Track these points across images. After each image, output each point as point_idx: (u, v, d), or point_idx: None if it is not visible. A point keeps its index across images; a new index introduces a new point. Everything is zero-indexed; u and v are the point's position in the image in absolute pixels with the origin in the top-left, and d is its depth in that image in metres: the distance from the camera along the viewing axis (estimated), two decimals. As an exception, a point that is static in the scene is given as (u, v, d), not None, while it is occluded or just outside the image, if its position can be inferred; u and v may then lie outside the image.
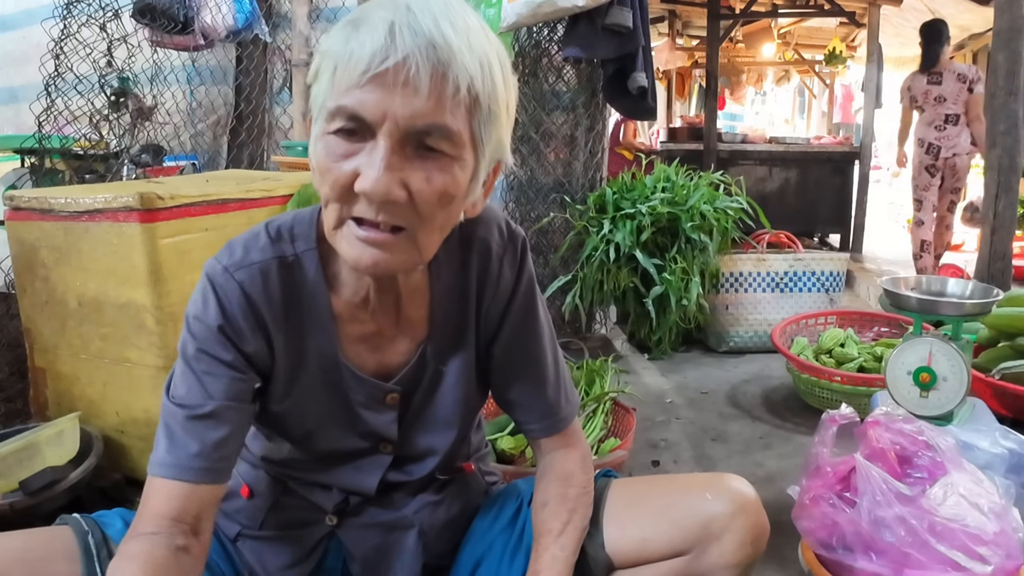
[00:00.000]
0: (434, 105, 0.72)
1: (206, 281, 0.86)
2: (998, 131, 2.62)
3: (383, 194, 0.72)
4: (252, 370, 0.88)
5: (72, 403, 1.86)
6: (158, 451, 0.84)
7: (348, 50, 0.72)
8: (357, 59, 0.71)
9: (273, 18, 3.51)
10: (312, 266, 0.89)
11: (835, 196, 5.63)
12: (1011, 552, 1.14)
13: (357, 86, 0.71)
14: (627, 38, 2.81)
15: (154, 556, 0.78)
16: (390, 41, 0.70)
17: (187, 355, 0.86)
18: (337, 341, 0.91)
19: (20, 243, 1.84)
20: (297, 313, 0.89)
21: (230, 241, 0.89)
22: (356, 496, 0.99)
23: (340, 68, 0.72)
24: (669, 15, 7.23)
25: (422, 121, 0.72)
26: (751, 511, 0.94)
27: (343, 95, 0.72)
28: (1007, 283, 2.67)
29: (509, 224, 0.98)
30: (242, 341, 0.86)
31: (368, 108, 0.71)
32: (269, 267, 0.87)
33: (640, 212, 3.00)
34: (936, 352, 1.58)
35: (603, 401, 2.10)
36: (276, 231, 0.89)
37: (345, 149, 0.74)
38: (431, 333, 0.96)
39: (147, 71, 2.99)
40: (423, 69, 0.70)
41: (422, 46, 0.70)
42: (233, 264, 0.86)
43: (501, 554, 1.03)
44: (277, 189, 2.03)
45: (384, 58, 0.70)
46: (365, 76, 0.70)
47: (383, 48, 0.70)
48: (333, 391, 0.93)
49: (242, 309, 0.86)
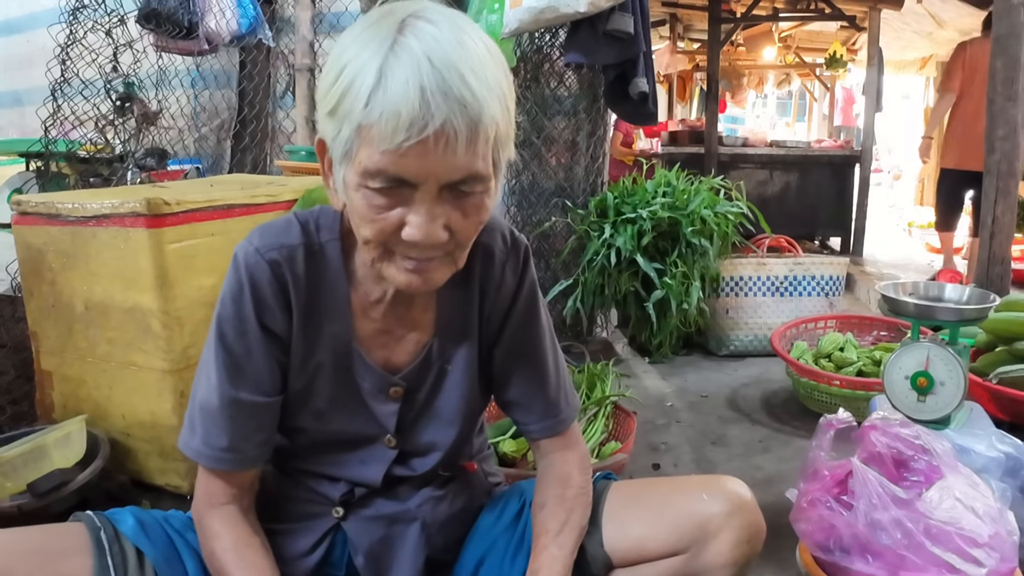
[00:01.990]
0: (470, 158, 0.76)
1: (238, 262, 0.92)
2: (997, 136, 2.63)
3: (431, 241, 0.79)
4: (278, 346, 0.94)
5: (79, 406, 1.87)
6: (195, 439, 0.93)
7: (379, 113, 0.72)
8: (393, 128, 0.72)
9: (277, 23, 3.53)
10: (335, 256, 0.94)
11: (836, 199, 5.65)
12: (1006, 555, 1.16)
13: (395, 153, 0.73)
14: (628, 44, 2.82)
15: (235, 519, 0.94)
16: (425, 109, 0.71)
17: (223, 334, 0.91)
18: (352, 329, 0.96)
19: (27, 247, 1.87)
20: (318, 298, 0.94)
21: (260, 225, 0.95)
22: (362, 488, 1.02)
23: (372, 125, 0.73)
24: (670, 18, 7.25)
25: (459, 175, 0.77)
26: (747, 511, 0.96)
27: (381, 158, 0.74)
28: (1005, 288, 2.68)
29: (513, 232, 1.03)
30: (270, 318, 0.92)
31: (411, 172, 0.75)
32: (296, 252, 0.92)
33: (641, 216, 3.01)
34: (934, 357, 1.60)
35: (604, 404, 2.12)
36: (304, 220, 0.95)
37: (386, 202, 0.78)
38: (436, 333, 1.00)
39: (152, 76, 3.01)
40: (460, 131, 0.73)
41: (456, 110, 0.72)
42: (264, 246, 0.92)
43: (503, 553, 1.05)
44: (282, 194, 2.05)
45: (423, 127, 0.72)
46: (406, 144, 0.73)
47: (420, 117, 0.71)
48: (344, 375, 0.97)
49: (271, 288, 0.91)
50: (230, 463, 0.93)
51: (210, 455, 0.93)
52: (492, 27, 2.67)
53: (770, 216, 3.52)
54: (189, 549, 0.96)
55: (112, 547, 0.88)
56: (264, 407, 0.94)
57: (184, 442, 0.95)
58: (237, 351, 0.91)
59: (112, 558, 0.87)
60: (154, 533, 0.94)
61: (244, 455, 0.94)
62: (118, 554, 0.88)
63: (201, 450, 0.93)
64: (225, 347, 0.91)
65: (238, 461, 0.94)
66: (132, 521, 0.93)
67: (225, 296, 0.92)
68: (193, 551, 0.96)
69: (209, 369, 0.92)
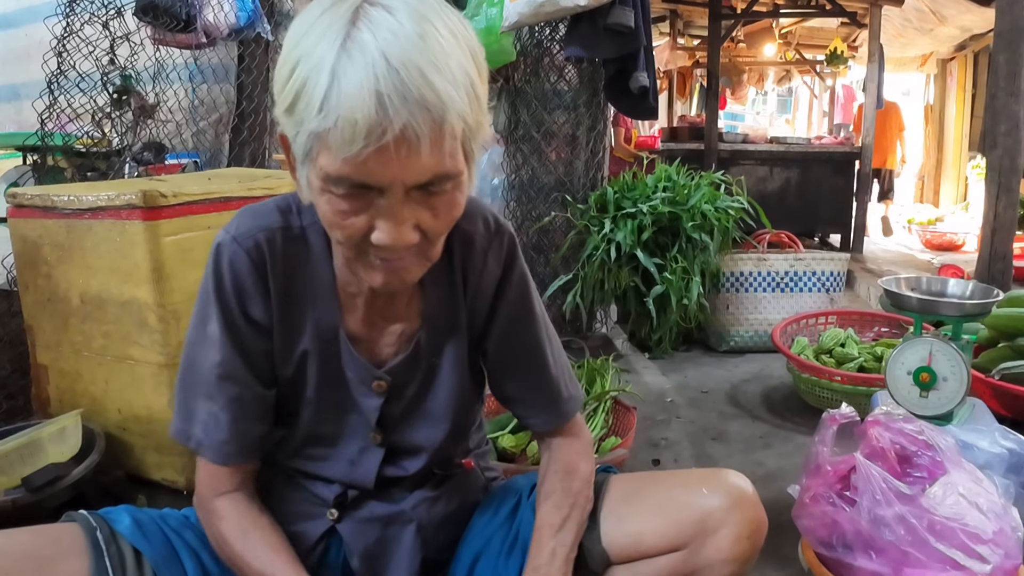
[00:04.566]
0: (436, 158, 0.71)
1: (216, 250, 0.90)
2: (999, 132, 2.63)
3: (401, 244, 0.76)
4: (263, 333, 0.92)
5: (74, 400, 1.86)
6: (194, 429, 0.92)
7: (334, 120, 0.67)
8: (351, 136, 0.67)
9: (275, 16, 3.51)
10: (318, 240, 0.92)
11: (836, 196, 5.64)
12: (1010, 551, 1.15)
13: (356, 159, 0.69)
14: (629, 38, 2.81)
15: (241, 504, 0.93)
16: (383, 115, 0.67)
17: (203, 326, 0.90)
18: (339, 314, 0.94)
19: (23, 240, 1.85)
20: (299, 282, 0.92)
21: (240, 210, 0.93)
22: (355, 490, 1.00)
23: (329, 135, 0.69)
24: (670, 15, 7.23)
25: (426, 176, 0.73)
26: (748, 506, 0.94)
27: (342, 165, 0.70)
28: (1007, 284, 2.68)
29: (496, 218, 0.99)
30: (253, 307, 0.91)
31: (374, 178, 0.71)
32: (274, 236, 0.91)
33: (641, 211, 3.00)
34: (936, 352, 1.59)
35: (604, 400, 2.11)
36: (285, 204, 0.93)
37: (352, 207, 0.74)
38: (423, 324, 0.97)
39: (149, 69, 2.98)
40: (423, 135, 0.69)
41: (416, 112, 0.67)
42: (241, 234, 0.90)
43: (499, 549, 1.04)
44: (279, 187, 2.03)
45: (381, 134, 0.67)
46: (365, 151, 0.68)
47: (378, 124, 0.67)
48: (333, 363, 0.96)
49: (252, 277, 0.90)
50: (231, 456, 0.92)
51: (211, 447, 0.92)
52: (492, 20, 2.66)
53: (770, 213, 3.51)
54: (187, 548, 0.94)
55: (109, 547, 0.86)
56: (261, 398, 0.93)
57: (183, 433, 0.93)
58: (228, 344, 0.90)
59: (110, 559, 0.85)
60: (151, 532, 0.92)
61: (244, 447, 0.93)
62: (116, 555, 0.86)
63: (202, 442, 0.92)
64: (215, 341, 0.90)
65: (239, 454, 0.93)
66: (128, 520, 0.91)
67: (207, 290, 0.90)
68: (191, 550, 0.94)
69: (201, 359, 0.91)
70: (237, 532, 0.91)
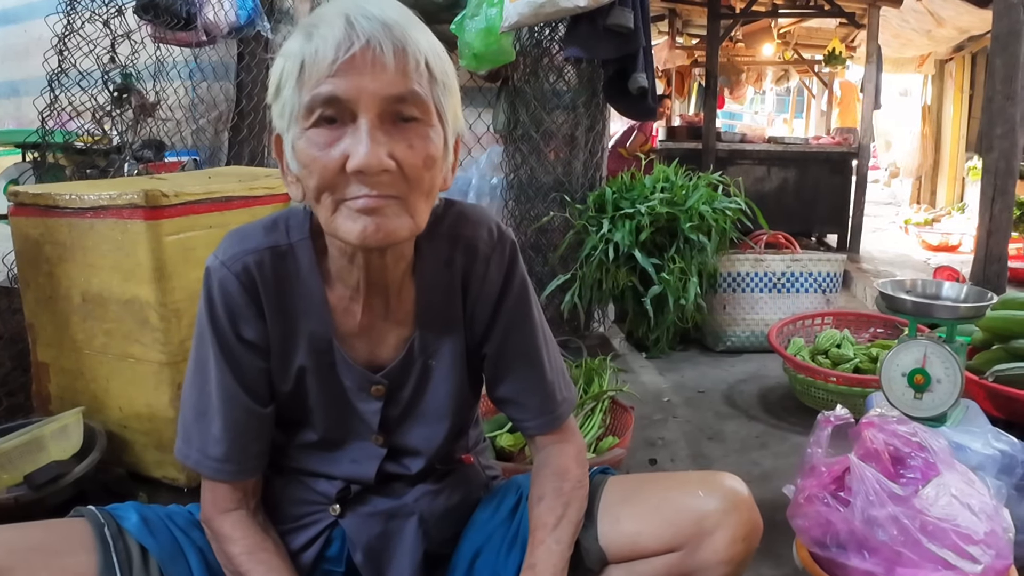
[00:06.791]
0: (402, 75, 0.79)
1: (206, 276, 0.92)
2: (995, 135, 2.64)
3: (376, 166, 0.78)
4: (259, 353, 0.94)
5: (75, 398, 1.87)
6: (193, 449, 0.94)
7: (312, 48, 0.78)
8: (323, 53, 0.77)
9: (275, 14, 3.51)
10: (306, 255, 0.94)
11: (833, 196, 5.64)
12: (1001, 552, 1.16)
13: (328, 76, 0.77)
14: (628, 39, 2.81)
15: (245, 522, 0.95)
16: (351, 29, 0.77)
17: (201, 349, 0.92)
18: (332, 326, 0.96)
19: (24, 238, 1.86)
20: (291, 299, 0.94)
21: (228, 233, 0.95)
22: (357, 485, 1.02)
23: (308, 66, 0.78)
24: (669, 14, 7.23)
25: (395, 90, 0.79)
26: (743, 508, 0.96)
27: (316, 87, 0.78)
28: (1002, 286, 2.69)
29: (500, 227, 1.01)
30: (247, 329, 0.92)
31: (344, 90, 0.77)
32: (263, 257, 0.92)
33: (639, 212, 3.01)
34: (931, 354, 1.60)
35: (601, 399, 2.12)
36: (271, 223, 0.95)
37: (328, 137, 0.79)
38: (417, 328, 0.99)
39: (150, 67, 2.99)
40: (386, 47, 0.78)
41: (379, 28, 0.78)
42: (228, 258, 0.92)
43: (499, 546, 1.05)
44: (280, 187, 2.05)
45: (349, 45, 0.77)
46: (335, 65, 0.77)
47: (346, 37, 0.77)
48: (329, 374, 0.97)
49: (243, 299, 0.91)
50: (230, 473, 0.94)
51: (209, 465, 0.93)
52: (491, 21, 2.66)
53: (768, 212, 3.52)
54: (193, 546, 0.96)
55: (116, 543, 0.88)
56: (258, 417, 0.95)
57: (183, 453, 0.95)
58: (223, 366, 0.92)
59: (117, 555, 0.87)
60: (158, 529, 0.94)
61: (242, 465, 0.95)
62: (123, 551, 0.88)
63: (201, 460, 0.94)
64: (212, 364, 0.92)
65: (237, 472, 0.94)
66: (136, 517, 0.93)
67: (201, 314, 0.93)
68: (197, 548, 0.96)
69: (200, 382, 0.93)
70: (243, 553, 0.93)
